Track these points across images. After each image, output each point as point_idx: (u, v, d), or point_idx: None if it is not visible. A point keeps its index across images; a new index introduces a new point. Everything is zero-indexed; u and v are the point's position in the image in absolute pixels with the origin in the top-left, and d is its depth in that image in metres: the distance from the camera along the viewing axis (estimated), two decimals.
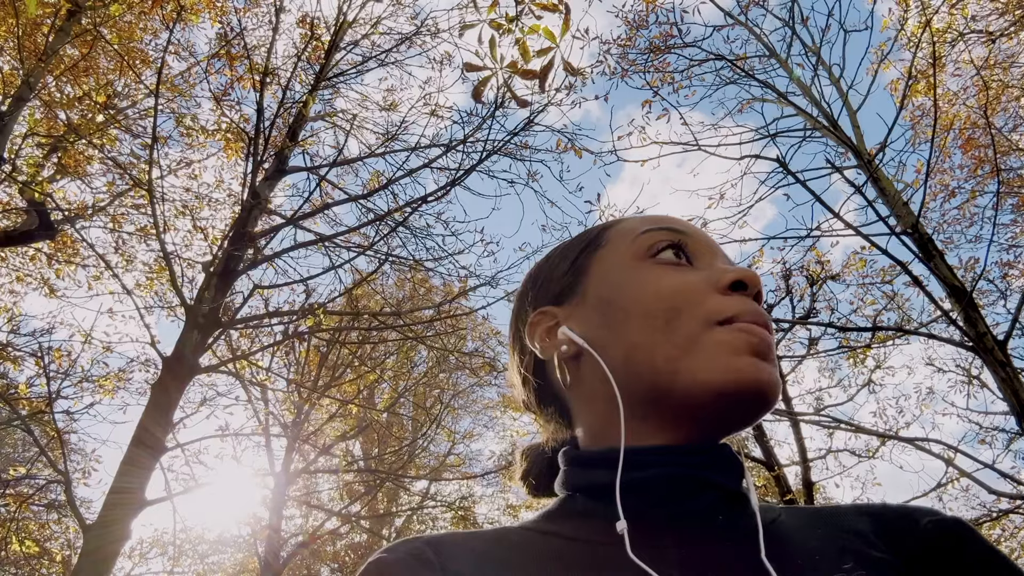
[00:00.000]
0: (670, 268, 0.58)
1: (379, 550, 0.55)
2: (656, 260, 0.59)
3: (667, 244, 0.59)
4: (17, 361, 7.13)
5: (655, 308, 0.55)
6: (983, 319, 4.89)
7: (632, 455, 0.53)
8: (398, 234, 6.46)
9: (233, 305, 5.82)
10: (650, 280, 0.57)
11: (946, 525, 0.52)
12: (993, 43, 7.28)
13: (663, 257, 0.59)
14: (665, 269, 0.58)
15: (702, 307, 0.54)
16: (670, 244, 0.59)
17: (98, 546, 4.02)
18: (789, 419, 7.59)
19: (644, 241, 0.60)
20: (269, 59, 6.16)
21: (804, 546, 0.51)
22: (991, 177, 7.55)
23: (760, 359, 0.52)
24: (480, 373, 9.39)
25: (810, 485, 7.49)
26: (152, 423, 4.46)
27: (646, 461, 0.53)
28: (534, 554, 0.52)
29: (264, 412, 8.00)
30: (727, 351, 0.52)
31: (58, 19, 6.31)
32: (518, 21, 2.93)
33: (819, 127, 6.66)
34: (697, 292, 0.55)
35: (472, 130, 5.95)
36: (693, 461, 0.53)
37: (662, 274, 0.57)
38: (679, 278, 0.57)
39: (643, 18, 7.81)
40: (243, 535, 11.06)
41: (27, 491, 7.57)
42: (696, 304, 0.54)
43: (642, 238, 0.60)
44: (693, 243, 0.61)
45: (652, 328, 0.54)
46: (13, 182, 5.91)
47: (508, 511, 12.54)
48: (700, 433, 0.54)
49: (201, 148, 7.86)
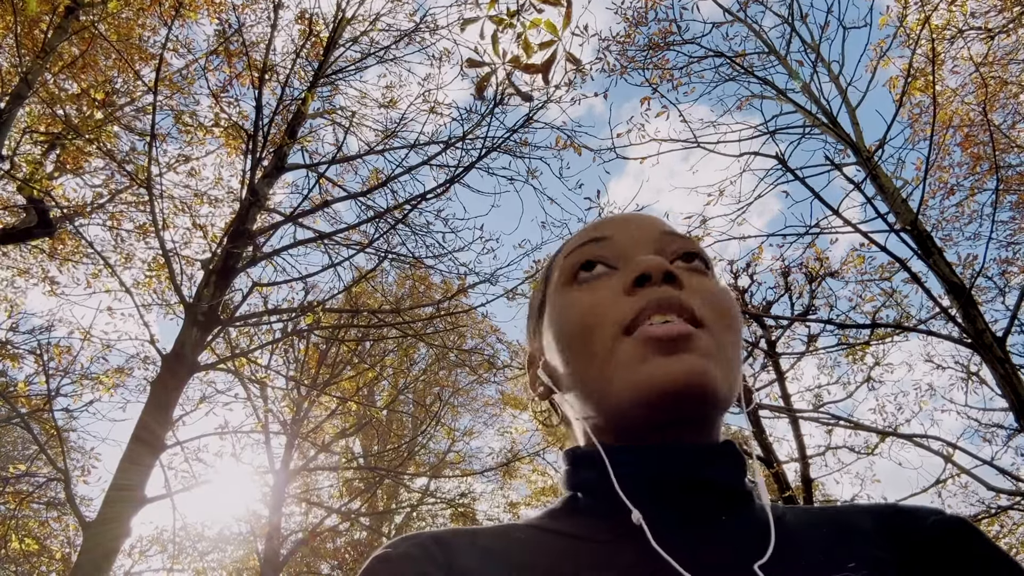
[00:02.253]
0: (586, 288, 0.58)
1: (383, 545, 0.54)
2: (577, 282, 0.60)
3: (582, 262, 0.60)
4: (16, 359, 7.12)
5: (574, 335, 0.56)
6: (982, 316, 4.89)
7: (621, 454, 0.53)
8: (397, 231, 6.46)
9: (232, 303, 5.81)
10: (567, 307, 0.58)
11: (950, 524, 0.52)
12: (992, 40, 7.28)
13: (581, 277, 0.60)
14: (582, 290, 0.58)
15: (609, 320, 0.54)
16: (584, 262, 0.60)
17: (98, 544, 4.02)
18: (788, 416, 7.59)
19: (567, 267, 0.61)
20: (268, 56, 6.15)
21: (807, 545, 0.50)
22: (990, 174, 7.55)
23: (668, 354, 0.50)
24: (480, 370, 9.39)
25: (809, 482, 7.50)
26: (151, 421, 4.46)
27: (634, 460, 0.53)
28: (540, 551, 0.52)
29: (263, 409, 8.00)
30: (636, 361, 0.51)
31: (56, 16, 6.30)
32: (519, 15, 2.93)
33: (818, 124, 6.65)
34: (604, 305, 0.56)
35: (471, 127, 5.95)
36: (687, 460, 0.52)
37: (577, 298, 0.58)
38: (589, 297, 0.57)
39: (642, 15, 7.81)
40: (243, 532, 11.09)
41: (27, 489, 7.56)
42: (604, 318, 0.55)
43: (565, 265, 0.62)
44: (614, 245, 0.60)
45: (578, 355, 0.56)
46: (12, 179, 5.90)
47: (508, 509, 12.56)
48: (672, 435, 0.53)
49: (200, 145, 7.85)
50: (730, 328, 0.55)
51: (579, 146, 6.35)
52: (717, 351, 0.52)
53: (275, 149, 6.33)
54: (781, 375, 8.20)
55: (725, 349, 0.53)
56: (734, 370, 0.54)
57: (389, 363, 10.50)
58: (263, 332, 7.56)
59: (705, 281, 0.58)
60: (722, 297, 0.57)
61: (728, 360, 0.53)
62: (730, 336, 0.55)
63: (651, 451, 0.53)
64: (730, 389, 0.53)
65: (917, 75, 6.80)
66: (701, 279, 0.58)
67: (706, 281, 0.58)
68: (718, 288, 0.58)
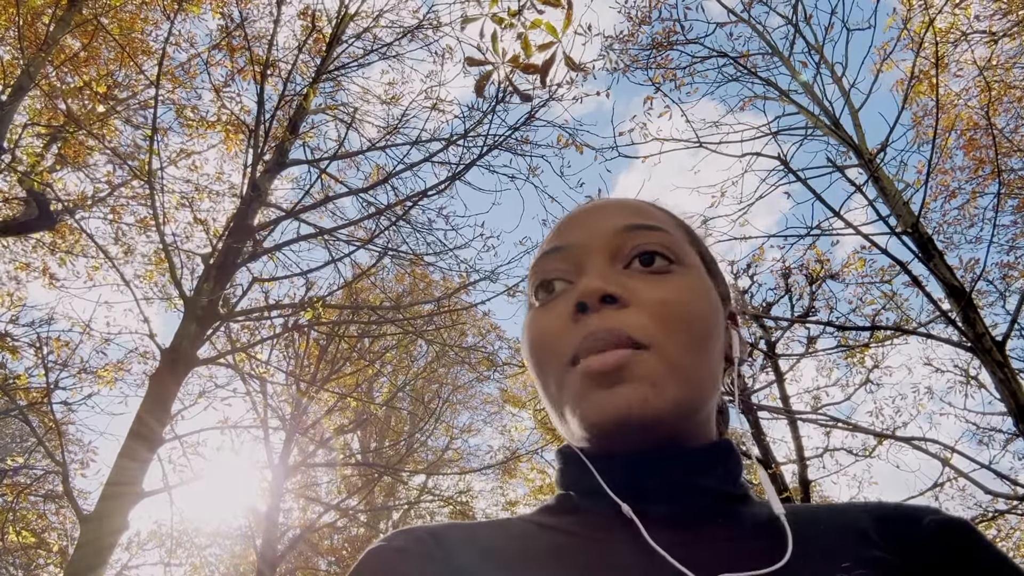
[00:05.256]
0: (544, 310, 0.58)
1: (378, 538, 0.54)
2: (539, 303, 0.59)
3: (539, 282, 0.60)
4: (16, 351, 7.12)
5: (532, 363, 0.57)
6: (982, 320, 4.89)
7: (603, 460, 0.54)
8: (399, 228, 6.46)
9: (232, 297, 5.81)
10: (526, 333, 0.59)
11: (948, 525, 0.52)
12: (995, 43, 7.27)
13: (540, 297, 0.59)
14: (540, 313, 0.58)
15: (557, 351, 0.54)
16: (542, 282, 0.59)
17: (95, 537, 4.03)
18: (787, 417, 7.60)
19: (531, 285, 0.61)
20: (270, 51, 6.14)
21: (803, 544, 0.50)
22: (992, 178, 7.54)
23: (605, 387, 0.50)
24: (479, 368, 9.39)
25: (807, 483, 7.50)
26: (150, 415, 4.46)
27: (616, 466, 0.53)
28: (535, 547, 0.52)
29: (263, 405, 8.00)
30: (579, 395, 0.52)
31: (59, 8, 6.29)
32: (520, 15, 2.92)
33: (821, 126, 6.64)
34: (552, 335, 0.55)
35: (473, 124, 5.94)
36: (671, 465, 0.52)
37: (535, 321, 0.58)
38: (543, 323, 0.57)
39: (646, 14, 7.80)
40: (241, 527, 11.10)
41: (25, 481, 7.57)
42: (553, 349, 0.55)
43: (531, 279, 0.62)
44: (570, 254, 0.59)
45: (540, 378, 0.57)
46: (13, 172, 5.90)
47: (507, 507, 12.57)
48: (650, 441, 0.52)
49: (201, 139, 7.85)
50: (685, 334, 0.53)
51: (581, 145, 6.34)
52: (667, 369, 0.51)
53: (277, 144, 6.33)
54: (780, 376, 8.20)
55: (678, 361, 0.51)
56: (696, 376, 0.53)
57: (389, 360, 10.50)
58: (263, 327, 7.56)
59: (662, 285, 0.55)
60: (677, 301, 0.54)
61: (683, 371, 0.51)
62: (685, 343, 0.52)
63: (629, 456, 0.52)
64: (689, 400, 0.52)
65: (921, 78, 6.80)
66: (657, 284, 0.55)
67: (663, 285, 0.55)
68: (675, 291, 0.54)
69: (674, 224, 0.63)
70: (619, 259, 0.57)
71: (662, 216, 0.62)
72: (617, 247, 0.57)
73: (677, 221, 0.64)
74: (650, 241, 0.57)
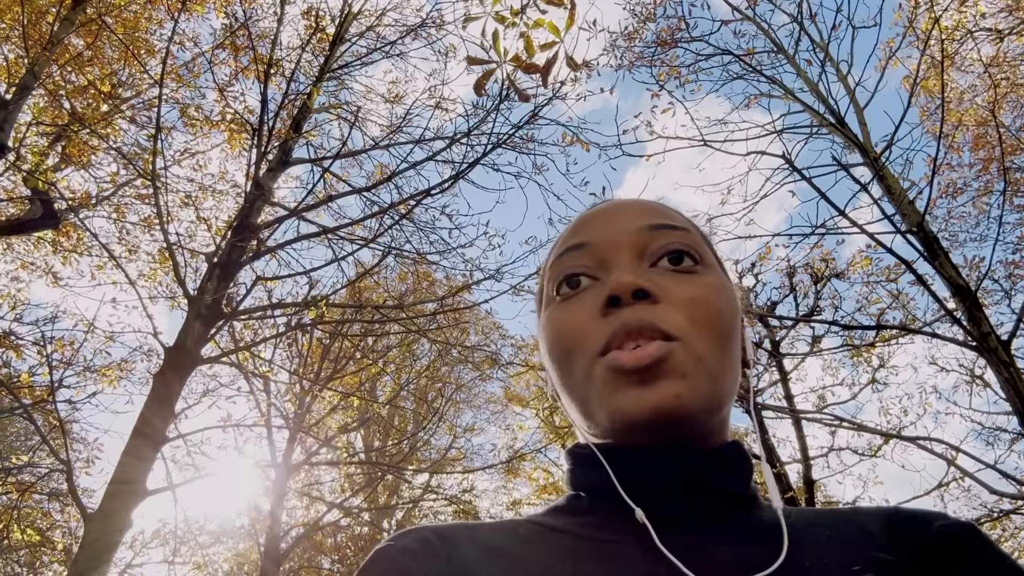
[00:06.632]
0: (568, 305, 0.58)
1: (385, 539, 0.54)
2: (561, 297, 0.59)
3: (564, 278, 0.59)
4: (20, 350, 7.15)
5: (557, 357, 0.57)
6: (987, 319, 4.87)
7: (619, 456, 0.53)
8: (402, 227, 6.45)
9: (236, 296, 5.82)
10: (549, 327, 0.58)
11: (957, 529, 0.52)
12: (1001, 41, 7.23)
13: (564, 292, 0.59)
14: (565, 308, 0.58)
15: (586, 343, 0.54)
16: (566, 277, 0.59)
17: (99, 535, 4.03)
18: (791, 417, 7.58)
19: (552, 277, 0.61)
20: (274, 50, 6.15)
21: (812, 548, 0.50)
22: (998, 176, 7.51)
23: (639, 384, 0.50)
24: (483, 367, 9.39)
25: (811, 483, 7.49)
26: (153, 414, 4.47)
27: (633, 463, 0.53)
28: (542, 548, 0.52)
29: (266, 403, 8.00)
30: (609, 388, 0.52)
31: (63, 8, 6.30)
32: (523, 15, 2.91)
33: (826, 124, 6.62)
34: (580, 328, 0.55)
35: (477, 123, 5.94)
36: (688, 464, 0.52)
37: (560, 316, 0.58)
38: (569, 317, 0.56)
39: (651, 11, 7.78)
40: (244, 526, 11.13)
41: (29, 480, 7.59)
42: (581, 341, 0.55)
43: (551, 274, 0.61)
44: (594, 251, 0.59)
45: (563, 373, 0.56)
46: (17, 171, 5.91)
47: (511, 506, 12.58)
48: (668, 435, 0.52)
49: (205, 138, 7.86)
50: (713, 332, 0.53)
51: (586, 143, 6.33)
52: (695, 364, 0.51)
53: (280, 143, 6.33)
54: (785, 376, 8.18)
55: (706, 358, 0.52)
56: (721, 375, 0.53)
57: (392, 359, 10.51)
58: (267, 326, 7.57)
59: (690, 284, 0.55)
60: (706, 300, 0.54)
61: (710, 369, 0.52)
62: (713, 341, 0.53)
63: (648, 452, 0.52)
64: (715, 398, 0.53)
65: (927, 75, 6.77)
66: (686, 282, 0.55)
67: (691, 283, 0.55)
68: (704, 289, 0.55)
69: (691, 225, 0.64)
70: (645, 257, 0.58)
71: (681, 218, 0.63)
72: (643, 245, 0.58)
73: (692, 222, 0.65)
74: (678, 240, 0.58)
